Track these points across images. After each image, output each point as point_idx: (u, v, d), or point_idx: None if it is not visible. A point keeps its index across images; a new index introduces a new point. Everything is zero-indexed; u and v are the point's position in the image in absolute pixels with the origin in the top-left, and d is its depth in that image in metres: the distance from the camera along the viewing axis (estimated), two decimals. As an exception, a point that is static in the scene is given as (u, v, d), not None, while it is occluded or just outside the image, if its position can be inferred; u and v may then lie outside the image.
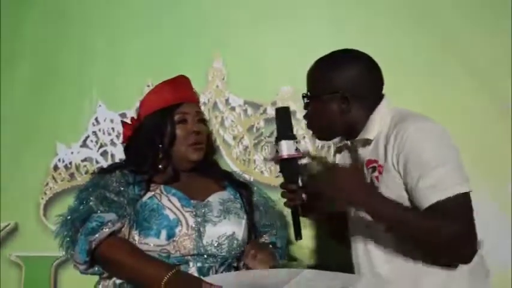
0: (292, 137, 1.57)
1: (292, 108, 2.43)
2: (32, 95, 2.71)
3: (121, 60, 2.61)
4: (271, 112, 2.47)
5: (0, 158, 2.70)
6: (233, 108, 2.51)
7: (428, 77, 2.36)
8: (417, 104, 2.27)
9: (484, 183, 2.18)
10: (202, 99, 2.50)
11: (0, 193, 2.67)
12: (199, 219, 1.68)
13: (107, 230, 1.58)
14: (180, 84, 1.85)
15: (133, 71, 2.58)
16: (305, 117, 1.68)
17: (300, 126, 2.42)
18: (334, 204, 1.60)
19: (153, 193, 1.70)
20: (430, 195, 1.43)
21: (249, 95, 2.50)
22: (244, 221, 1.77)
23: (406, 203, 1.49)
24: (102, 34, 2.66)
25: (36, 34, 2.73)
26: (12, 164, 2.69)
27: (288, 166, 1.57)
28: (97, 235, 1.57)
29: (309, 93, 1.65)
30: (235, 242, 1.72)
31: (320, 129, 1.67)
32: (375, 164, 1.55)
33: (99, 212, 1.61)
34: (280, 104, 2.44)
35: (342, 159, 1.74)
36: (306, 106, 1.66)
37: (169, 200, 1.69)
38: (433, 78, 2.36)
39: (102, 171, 1.79)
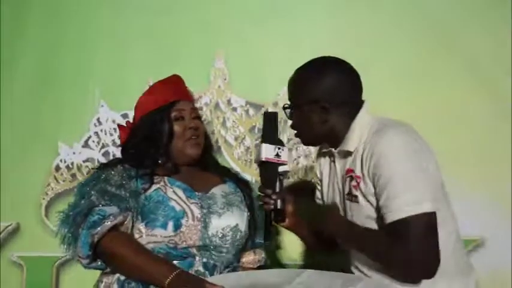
0: (274, 142, 1.60)
1: (293, 109, 2.46)
2: (33, 95, 2.72)
3: (123, 61, 2.62)
4: (272, 113, 2.48)
5: (1, 158, 2.70)
6: (235, 109, 2.52)
7: (428, 78, 2.37)
8: (417, 105, 2.29)
9: (484, 182, 2.18)
10: (204, 99, 2.51)
11: (2, 193, 2.67)
12: (204, 211, 1.70)
13: (109, 223, 1.58)
14: (173, 83, 1.88)
15: (135, 72, 2.59)
16: (291, 127, 1.72)
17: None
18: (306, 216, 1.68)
19: (158, 186, 1.71)
20: (390, 213, 1.48)
21: (250, 95, 2.51)
22: (246, 214, 1.80)
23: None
24: (104, 34, 2.67)
25: (38, 33, 2.74)
26: (14, 164, 2.70)
27: (266, 170, 1.60)
28: (99, 228, 1.57)
29: (290, 104, 1.69)
30: (239, 233, 1.75)
31: (304, 137, 1.71)
32: (352, 174, 1.58)
33: (100, 205, 1.61)
34: (281, 105, 2.44)
35: (324, 165, 1.76)
36: (290, 116, 1.69)
37: (174, 192, 1.71)
38: (434, 78, 2.37)
39: (103, 165, 1.80)
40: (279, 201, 1.60)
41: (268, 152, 1.59)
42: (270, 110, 1.85)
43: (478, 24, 2.36)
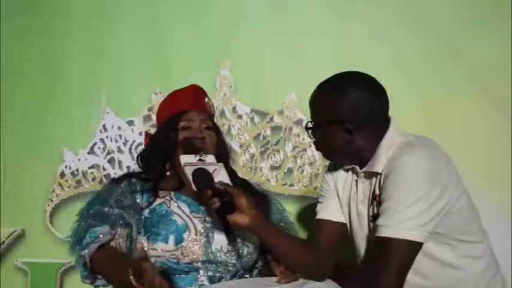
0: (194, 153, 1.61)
1: (298, 116, 2.47)
2: (39, 101, 2.71)
3: (129, 68, 2.62)
4: (277, 120, 2.49)
5: (7, 164, 2.70)
6: (240, 116, 2.52)
7: (428, 82, 2.38)
8: (418, 109, 2.30)
9: (485, 187, 2.18)
10: (210, 107, 2.51)
11: (7, 199, 2.67)
12: (208, 225, 1.68)
13: (95, 244, 1.60)
14: (187, 93, 1.86)
15: (141, 79, 2.60)
16: (314, 144, 1.66)
17: (306, 135, 2.43)
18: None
19: (162, 199, 1.71)
20: (380, 229, 1.45)
21: (256, 103, 2.51)
22: None
23: None
24: (110, 41, 2.67)
25: (43, 39, 2.74)
26: (19, 170, 2.70)
27: (198, 175, 1.55)
28: (86, 250, 1.60)
29: (312, 122, 1.61)
30: (246, 249, 1.70)
31: (328, 156, 1.67)
32: (378, 198, 1.53)
33: (94, 227, 1.64)
34: (287, 113, 2.47)
35: (341, 180, 1.68)
36: (312, 134, 1.62)
37: (178, 206, 1.70)
38: (434, 83, 2.38)
39: (112, 181, 1.82)
40: (214, 199, 1.52)
41: (186, 158, 1.57)
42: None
43: (479, 29, 2.37)
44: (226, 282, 1.65)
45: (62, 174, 2.67)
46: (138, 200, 1.71)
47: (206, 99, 1.86)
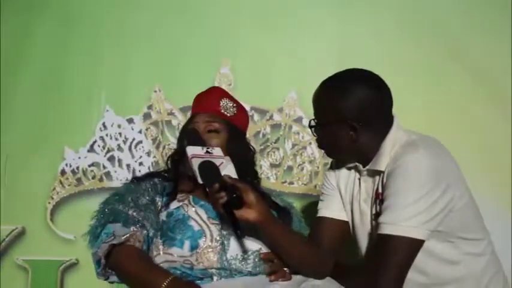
0: (199, 144, 1.59)
1: (298, 114, 2.47)
2: (40, 99, 2.72)
3: (129, 66, 2.63)
4: (277, 118, 2.49)
5: (7, 162, 2.70)
6: (240, 114, 2.52)
7: (429, 82, 2.39)
8: (418, 109, 2.30)
9: (485, 186, 2.19)
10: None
11: (8, 197, 2.68)
12: (224, 232, 1.64)
13: (105, 244, 1.57)
14: (202, 95, 1.84)
15: (141, 77, 2.60)
16: (317, 141, 1.64)
17: (306, 132, 2.44)
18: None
19: (180, 203, 1.69)
20: (381, 226, 1.45)
21: (255, 101, 2.51)
22: None
23: None
24: (110, 39, 2.67)
25: (44, 39, 2.74)
26: (20, 168, 2.70)
27: (204, 169, 1.54)
28: (99, 248, 1.58)
29: (315, 121, 1.60)
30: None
31: (331, 154, 1.66)
32: (381, 196, 1.52)
33: (108, 223, 1.62)
34: (286, 111, 2.46)
35: (343, 178, 1.68)
36: (315, 132, 1.61)
37: (195, 212, 1.67)
38: (434, 83, 2.38)
39: (132, 179, 1.80)
40: (223, 193, 1.48)
41: (193, 150, 1.55)
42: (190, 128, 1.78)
43: (479, 28, 2.38)
44: (230, 280, 1.62)
45: (63, 172, 2.67)
46: (157, 201, 1.70)
47: (223, 101, 1.80)
